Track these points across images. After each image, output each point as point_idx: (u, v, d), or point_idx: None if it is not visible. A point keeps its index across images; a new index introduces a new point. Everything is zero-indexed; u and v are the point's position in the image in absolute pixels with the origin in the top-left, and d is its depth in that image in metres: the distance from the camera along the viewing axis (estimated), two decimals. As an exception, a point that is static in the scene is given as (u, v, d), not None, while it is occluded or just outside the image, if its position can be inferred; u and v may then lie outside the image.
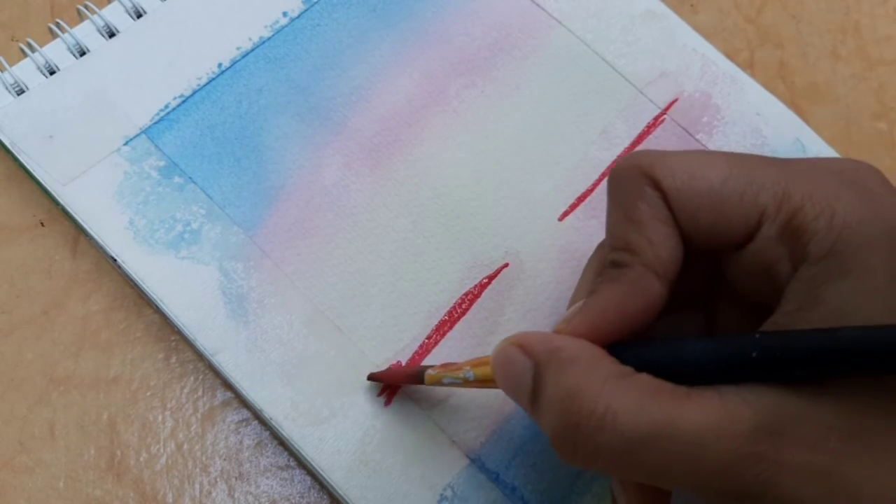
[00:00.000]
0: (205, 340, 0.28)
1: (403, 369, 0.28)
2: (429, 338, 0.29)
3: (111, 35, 0.32)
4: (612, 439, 0.19)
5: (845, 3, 0.39)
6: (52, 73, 0.31)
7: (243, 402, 0.28)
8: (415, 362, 0.28)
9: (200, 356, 0.29)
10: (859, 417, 0.19)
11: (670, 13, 0.36)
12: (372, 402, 0.28)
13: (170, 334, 0.29)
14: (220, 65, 0.32)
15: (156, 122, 0.31)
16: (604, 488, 0.28)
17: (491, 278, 0.30)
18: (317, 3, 0.34)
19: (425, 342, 0.29)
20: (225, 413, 0.29)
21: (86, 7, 0.32)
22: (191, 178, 0.30)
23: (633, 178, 0.22)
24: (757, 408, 0.19)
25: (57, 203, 0.30)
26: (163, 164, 0.30)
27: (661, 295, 0.22)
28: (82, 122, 0.30)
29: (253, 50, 0.33)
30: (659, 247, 0.22)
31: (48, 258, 0.30)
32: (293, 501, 0.28)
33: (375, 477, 0.27)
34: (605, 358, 0.21)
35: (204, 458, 0.28)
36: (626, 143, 0.33)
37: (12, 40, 0.34)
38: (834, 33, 0.38)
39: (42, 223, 0.31)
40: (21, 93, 0.31)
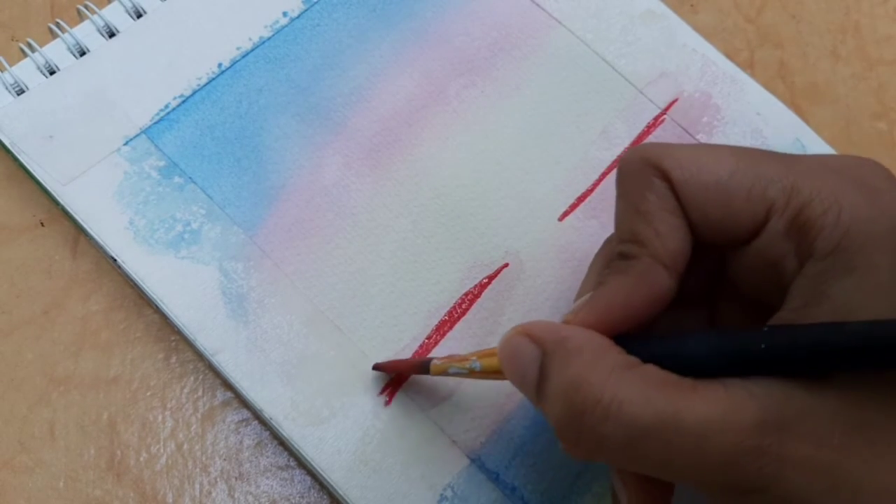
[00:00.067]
0: (205, 340, 0.28)
1: (408, 360, 0.28)
2: (429, 338, 0.29)
3: (111, 35, 0.32)
4: (616, 430, 0.19)
5: (845, 3, 0.39)
6: (52, 73, 0.31)
7: (243, 402, 0.28)
8: (415, 362, 0.28)
9: (200, 356, 0.29)
10: (863, 412, 0.19)
11: (670, 13, 0.36)
12: (372, 402, 0.28)
13: (170, 334, 0.29)
14: (220, 65, 0.32)
15: (156, 122, 0.31)
16: (604, 488, 0.28)
17: (491, 278, 0.30)
18: (317, 3, 0.34)
19: (425, 342, 0.29)
20: (225, 413, 0.29)
21: (86, 7, 0.32)
22: (191, 178, 0.30)
23: (642, 169, 0.22)
24: (762, 401, 0.19)
25: (57, 203, 0.30)
26: (163, 164, 0.30)
27: (670, 287, 0.21)
28: (82, 122, 0.30)
29: (253, 50, 0.33)
30: (667, 238, 0.21)
31: (48, 258, 0.30)
32: (293, 501, 0.28)
33: (375, 477, 0.27)
34: (612, 348, 0.21)
35: (204, 458, 0.28)
36: (626, 143, 0.33)
37: (12, 40, 0.34)
38: (834, 33, 0.38)
39: (42, 223, 0.31)
40: (21, 93, 0.31)
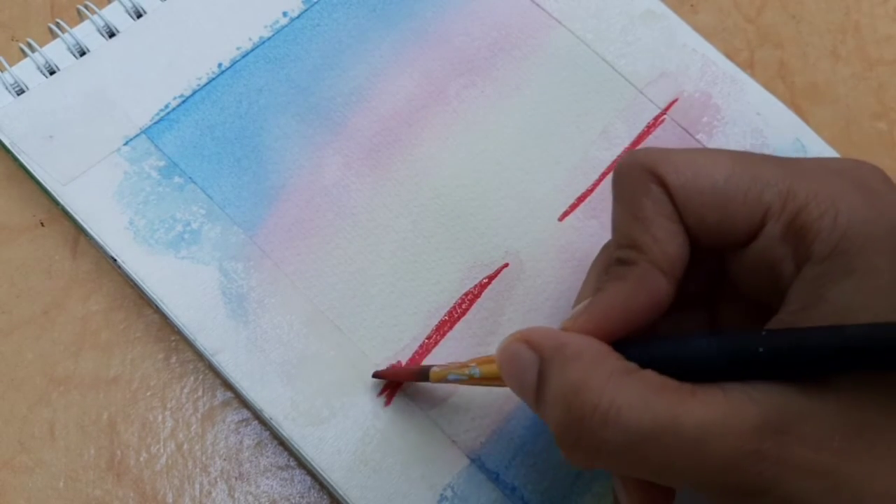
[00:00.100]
0: (205, 340, 0.28)
1: (408, 367, 0.28)
2: (429, 338, 0.29)
3: (111, 35, 0.32)
4: (615, 435, 0.19)
5: (845, 3, 0.39)
6: (52, 73, 0.31)
7: (243, 402, 0.28)
8: (415, 362, 0.28)
9: (200, 356, 0.29)
10: (863, 415, 0.19)
11: (670, 13, 0.36)
12: (372, 402, 0.28)
13: (170, 334, 0.29)
14: (220, 65, 0.32)
15: (156, 122, 0.31)
16: (604, 488, 0.28)
17: (491, 278, 0.30)
18: (317, 3, 0.34)
19: (425, 342, 0.29)
20: (225, 413, 0.29)
21: (86, 7, 0.32)
22: (191, 178, 0.30)
23: (638, 175, 0.22)
24: (762, 405, 0.19)
25: (57, 203, 0.30)
26: (163, 164, 0.30)
27: (668, 292, 0.21)
28: (82, 122, 0.30)
29: (253, 50, 0.33)
30: (665, 244, 0.22)
31: (48, 258, 0.30)
32: (293, 501, 0.28)
33: (375, 477, 0.27)
34: (611, 354, 0.21)
35: (204, 458, 0.28)
36: (626, 143, 0.33)
37: (12, 40, 0.34)
38: (834, 33, 0.38)
39: (42, 223, 0.31)
40: (21, 93, 0.31)
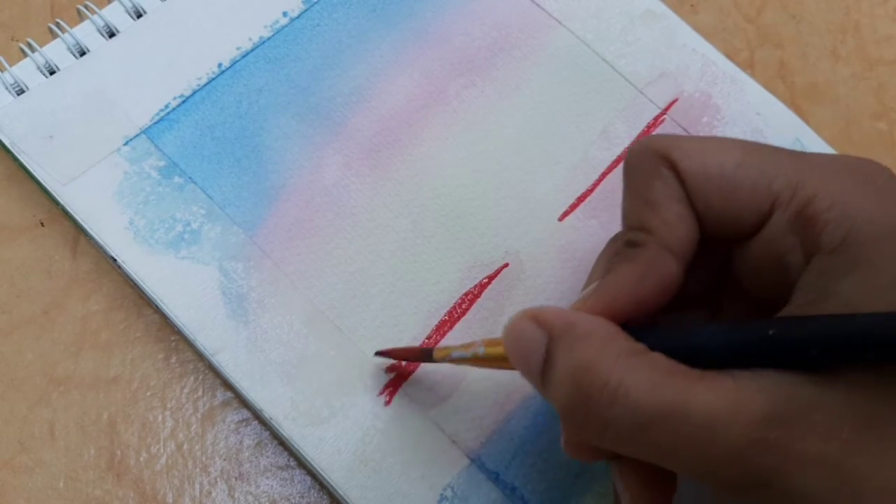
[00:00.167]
0: (205, 340, 0.28)
1: (412, 347, 0.28)
2: (429, 338, 0.29)
3: (111, 35, 0.32)
4: (623, 414, 0.19)
5: (845, 3, 0.39)
6: (52, 73, 0.31)
7: (243, 402, 0.28)
8: (415, 363, 0.28)
9: (200, 356, 0.29)
10: (872, 408, 0.18)
11: (670, 13, 0.36)
12: (372, 402, 0.28)
13: (170, 334, 0.29)
14: (220, 65, 0.32)
15: (156, 122, 0.31)
16: (605, 488, 0.28)
17: (491, 278, 0.30)
18: (317, 3, 0.34)
19: (425, 342, 0.29)
20: (225, 413, 0.29)
21: (86, 7, 0.32)
22: (191, 178, 0.30)
23: (649, 159, 0.22)
24: (770, 394, 0.18)
25: (57, 203, 0.30)
26: (163, 164, 0.30)
27: (677, 274, 0.21)
28: (82, 122, 0.30)
29: (253, 50, 0.33)
30: (674, 226, 0.22)
31: (48, 258, 0.30)
32: (293, 501, 0.28)
33: (375, 477, 0.27)
34: (620, 334, 0.20)
35: (204, 458, 0.28)
36: (626, 143, 0.33)
37: (12, 40, 0.34)
38: (834, 33, 0.38)
39: (42, 223, 0.31)
40: (21, 93, 0.31)
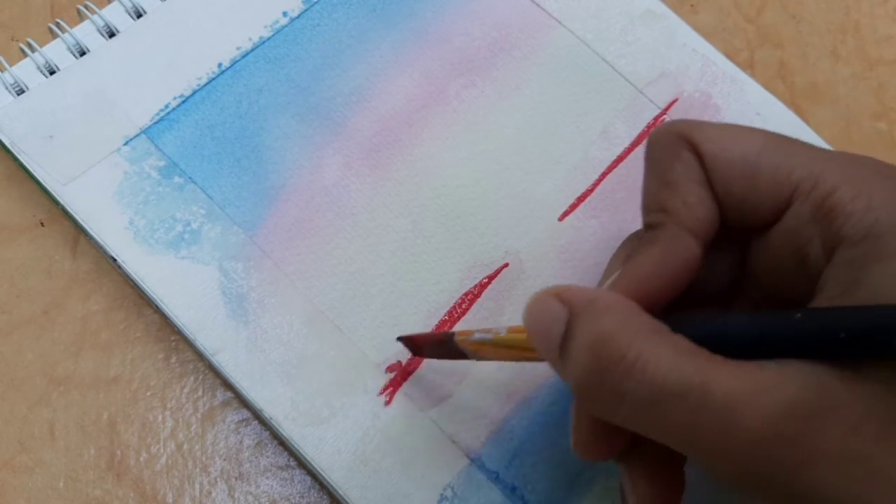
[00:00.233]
0: (205, 340, 0.28)
1: (432, 332, 0.28)
2: (429, 338, 0.29)
3: (111, 35, 0.32)
4: (639, 387, 0.19)
5: (845, 3, 0.39)
6: (52, 73, 0.31)
7: (243, 402, 0.28)
8: (415, 363, 0.28)
9: (200, 356, 0.29)
10: None
11: (670, 13, 0.36)
12: (372, 402, 0.28)
13: (170, 334, 0.29)
14: (220, 65, 0.32)
15: (156, 122, 0.31)
16: (605, 488, 0.28)
17: (491, 278, 0.30)
18: (317, 3, 0.34)
19: (425, 342, 0.29)
20: (225, 413, 0.29)
21: (86, 7, 0.32)
22: (191, 178, 0.30)
23: (671, 141, 0.22)
24: (797, 384, 0.18)
25: (57, 203, 0.30)
26: (163, 164, 0.30)
27: (697, 255, 0.21)
28: (82, 122, 0.30)
29: (253, 50, 0.33)
30: (694, 207, 0.21)
31: (48, 258, 0.30)
32: (293, 501, 0.28)
33: (375, 477, 0.27)
34: (642, 312, 0.20)
35: (204, 458, 0.28)
36: (626, 143, 0.33)
37: (12, 40, 0.34)
38: (834, 33, 0.38)
39: (42, 223, 0.31)
40: (21, 93, 0.31)
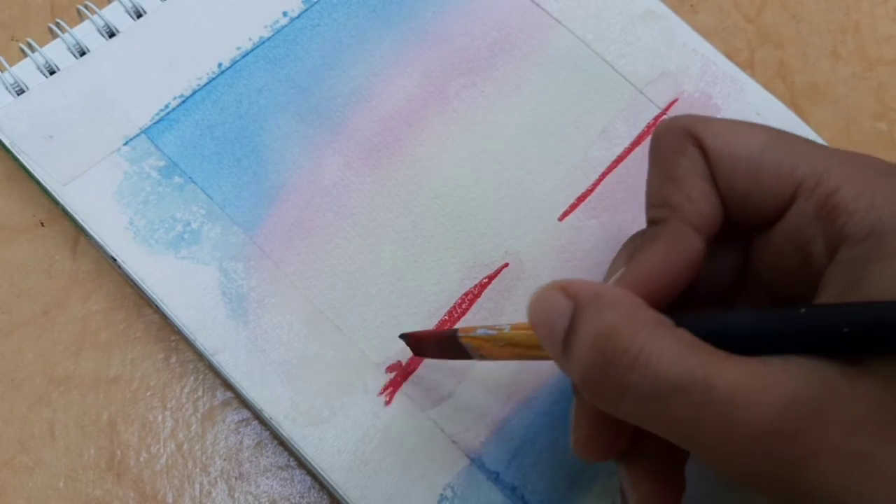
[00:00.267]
0: (205, 340, 0.28)
1: (435, 330, 0.28)
2: (429, 338, 0.29)
3: (111, 35, 0.32)
4: (642, 381, 0.19)
5: (845, 3, 0.39)
6: (52, 73, 0.31)
7: (243, 402, 0.28)
8: (415, 363, 0.28)
9: (200, 356, 0.29)
10: None
11: (670, 13, 0.36)
12: (372, 402, 0.28)
13: (170, 334, 0.29)
14: (220, 65, 0.32)
15: (156, 122, 0.31)
16: (605, 488, 0.28)
17: (491, 278, 0.30)
18: (317, 3, 0.34)
19: (425, 342, 0.29)
20: (225, 413, 0.29)
21: (86, 7, 0.32)
22: (191, 178, 0.30)
23: (676, 136, 0.22)
24: (800, 380, 0.18)
25: (57, 203, 0.30)
26: (163, 164, 0.30)
27: (700, 250, 0.21)
28: (82, 122, 0.30)
29: (253, 50, 0.33)
30: (697, 202, 0.22)
31: (48, 258, 0.30)
32: (293, 501, 0.28)
33: (375, 477, 0.27)
34: (646, 307, 0.20)
35: (204, 458, 0.28)
36: (626, 143, 0.33)
37: (12, 40, 0.34)
38: (834, 33, 0.38)
39: (42, 223, 0.31)
40: (21, 93, 0.31)
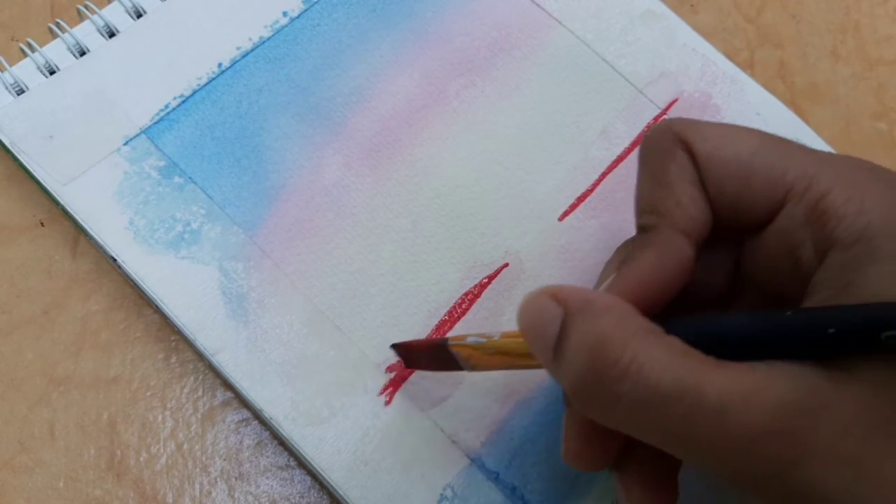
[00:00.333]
0: (205, 340, 0.28)
1: (425, 339, 0.28)
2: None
3: (111, 35, 0.32)
4: (634, 390, 0.19)
5: (845, 3, 0.39)
6: (52, 73, 0.31)
7: (243, 402, 0.28)
8: (415, 362, 0.28)
9: (200, 356, 0.29)
10: (888, 403, 0.18)
11: (670, 13, 0.36)
12: (372, 402, 0.28)
13: (170, 334, 0.29)
14: (220, 65, 0.32)
15: (156, 122, 0.31)
16: (604, 489, 0.28)
17: (491, 278, 0.30)
18: (317, 3, 0.34)
19: (425, 342, 0.29)
20: (225, 413, 0.29)
21: (86, 7, 0.32)
22: (191, 178, 0.30)
23: (666, 140, 0.22)
24: (789, 385, 0.18)
25: (57, 203, 0.30)
26: (163, 164, 0.30)
27: (690, 256, 0.21)
28: (82, 122, 0.30)
29: (253, 50, 0.33)
30: (687, 208, 0.22)
31: (48, 258, 0.30)
32: (293, 501, 0.28)
33: (375, 477, 0.27)
34: (637, 314, 0.20)
35: (204, 458, 0.28)
36: (626, 143, 0.33)
37: (12, 40, 0.34)
38: (834, 33, 0.38)
39: (42, 223, 0.31)
40: (21, 93, 0.31)
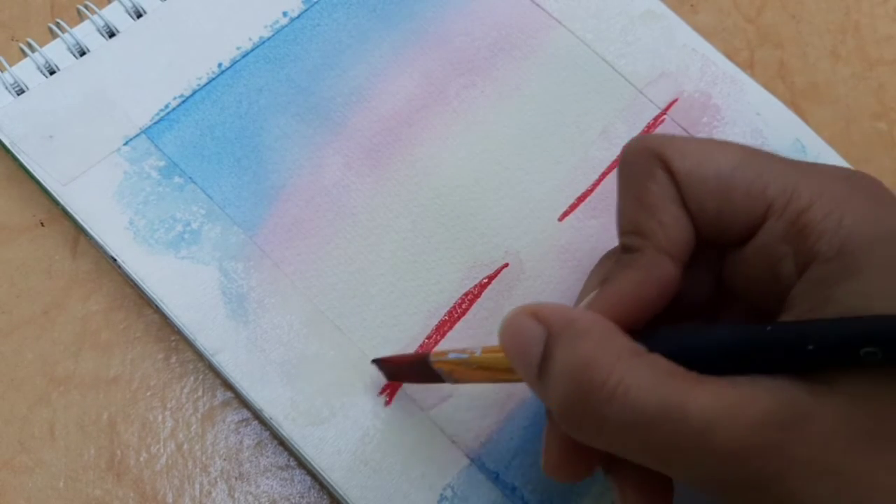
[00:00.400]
0: (205, 340, 0.28)
1: (408, 354, 0.28)
2: (429, 338, 0.29)
3: (111, 35, 0.32)
4: (620, 413, 0.19)
5: (845, 3, 0.39)
6: (52, 73, 0.31)
7: (243, 402, 0.28)
8: (415, 362, 0.28)
9: (200, 356, 0.29)
10: (872, 417, 0.18)
11: (670, 13, 0.36)
12: (372, 402, 0.28)
13: (170, 334, 0.29)
14: (220, 65, 0.32)
15: (156, 122, 0.31)
16: (604, 489, 0.28)
17: (491, 278, 0.30)
18: (317, 3, 0.34)
19: (425, 342, 0.29)
20: (225, 413, 0.29)
21: (86, 7, 0.32)
22: (191, 178, 0.30)
23: (644, 160, 0.22)
24: (770, 399, 0.18)
25: (57, 203, 0.30)
26: (163, 164, 0.30)
27: (675, 277, 0.21)
28: (82, 122, 0.30)
29: (253, 50, 0.33)
30: (670, 228, 0.22)
31: (48, 258, 0.30)
32: (293, 501, 0.28)
33: (375, 477, 0.27)
34: (620, 334, 0.20)
35: (204, 458, 0.28)
36: (626, 143, 0.33)
37: (12, 40, 0.34)
38: (834, 33, 0.38)
39: (42, 223, 0.31)
40: (21, 93, 0.31)
